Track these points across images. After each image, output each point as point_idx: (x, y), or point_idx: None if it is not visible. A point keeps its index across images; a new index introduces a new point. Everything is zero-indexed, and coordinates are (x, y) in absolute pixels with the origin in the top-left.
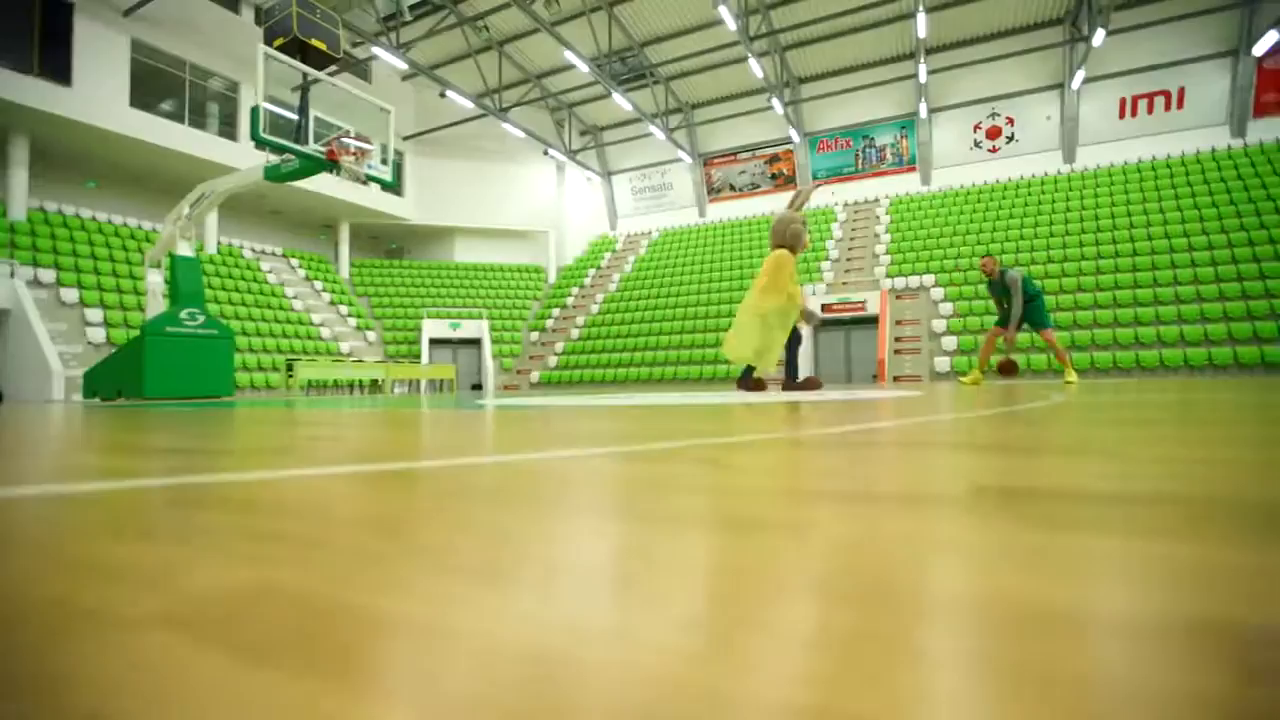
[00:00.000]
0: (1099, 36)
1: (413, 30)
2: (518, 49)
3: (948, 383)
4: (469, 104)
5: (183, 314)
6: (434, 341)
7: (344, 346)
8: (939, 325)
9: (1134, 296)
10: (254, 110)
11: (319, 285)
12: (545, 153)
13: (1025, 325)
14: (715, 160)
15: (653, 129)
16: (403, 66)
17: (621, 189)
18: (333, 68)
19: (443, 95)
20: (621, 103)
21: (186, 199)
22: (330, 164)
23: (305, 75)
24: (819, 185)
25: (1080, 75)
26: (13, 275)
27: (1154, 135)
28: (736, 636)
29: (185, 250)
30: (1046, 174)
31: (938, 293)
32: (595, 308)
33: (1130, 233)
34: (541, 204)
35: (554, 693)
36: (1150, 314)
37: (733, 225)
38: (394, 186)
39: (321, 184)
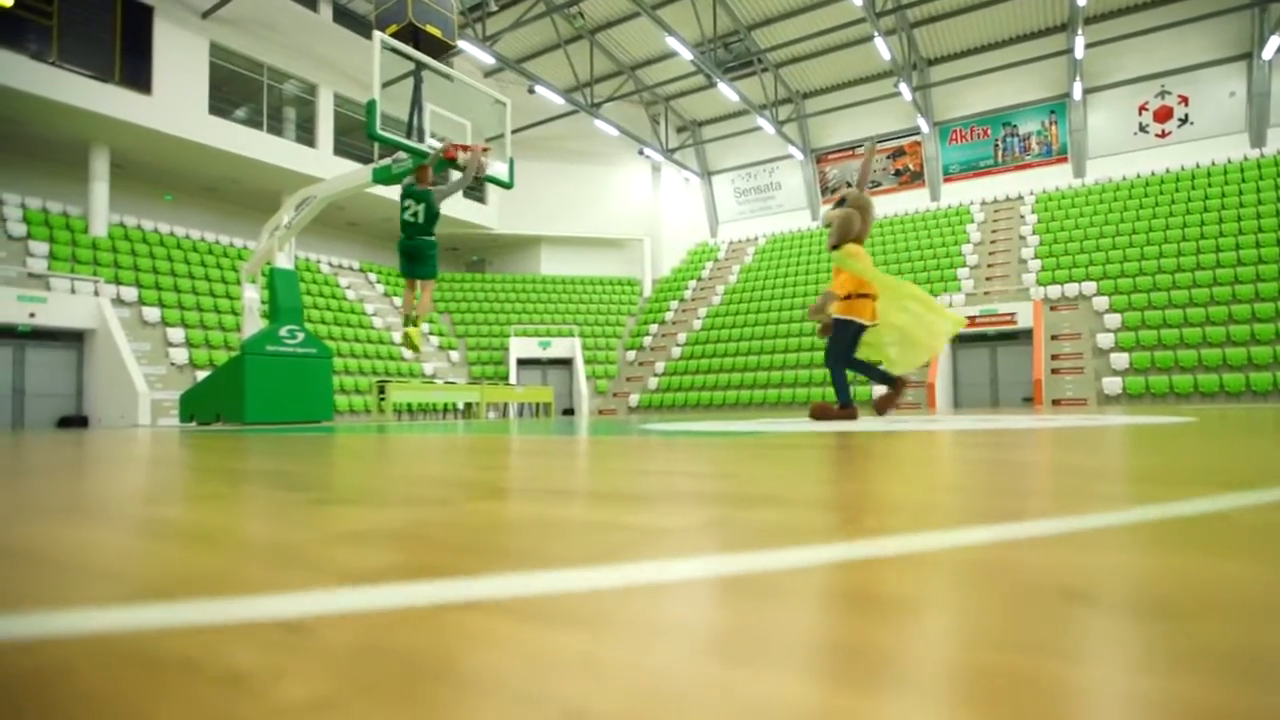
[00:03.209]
0: None
1: (499, 21)
2: (609, 37)
3: (1119, 404)
4: (558, 99)
5: (282, 331)
6: (522, 362)
7: (427, 367)
8: (1105, 340)
9: None
10: (370, 104)
11: (399, 301)
12: (640, 152)
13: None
14: (829, 156)
15: (760, 122)
16: (489, 61)
17: (723, 190)
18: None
19: (531, 91)
20: (727, 93)
21: (285, 206)
22: (448, 162)
23: (418, 65)
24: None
25: (1274, 43)
26: (96, 293)
27: None
28: None
29: (284, 263)
30: (1229, 161)
31: (1101, 302)
32: (698, 323)
33: None
34: (635, 209)
35: None
36: None
37: None
38: (510, 186)
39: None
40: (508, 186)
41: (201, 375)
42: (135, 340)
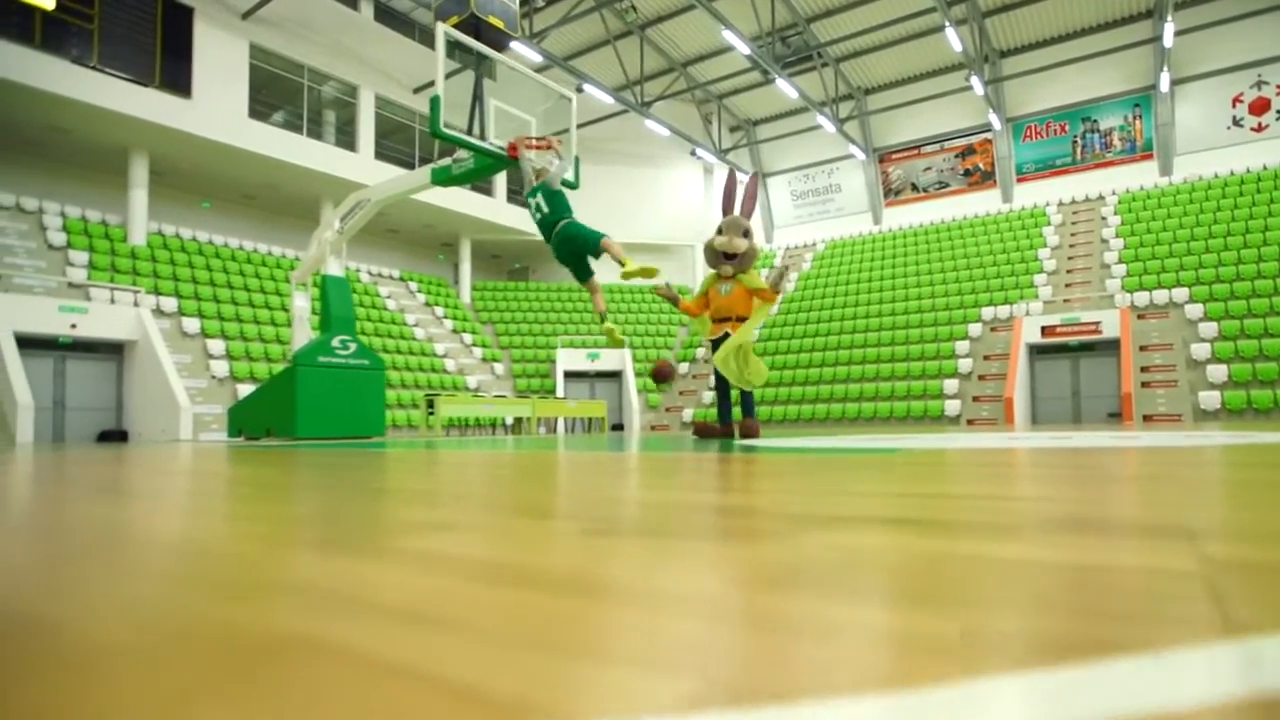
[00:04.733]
0: None
1: (546, 17)
2: (661, 32)
3: (1217, 420)
4: (607, 98)
5: (334, 342)
6: (569, 374)
7: (470, 380)
8: (1200, 351)
9: None
10: (434, 100)
11: (440, 311)
12: (692, 153)
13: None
14: (893, 155)
15: (820, 120)
16: (535, 58)
17: (779, 193)
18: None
19: (579, 89)
20: (785, 90)
21: (337, 211)
22: (511, 161)
23: (479, 59)
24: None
25: None
26: (136, 304)
27: None
28: None
29: (335, 270)
30: None
31: (1194, 310)
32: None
33: None
34: (685, 213)
35: None
36: None
37: (915, 233)
38: (576, 186)
39: (442, 196)
40: (573, 187)
41: (242, 388)
42: (175, 352)
